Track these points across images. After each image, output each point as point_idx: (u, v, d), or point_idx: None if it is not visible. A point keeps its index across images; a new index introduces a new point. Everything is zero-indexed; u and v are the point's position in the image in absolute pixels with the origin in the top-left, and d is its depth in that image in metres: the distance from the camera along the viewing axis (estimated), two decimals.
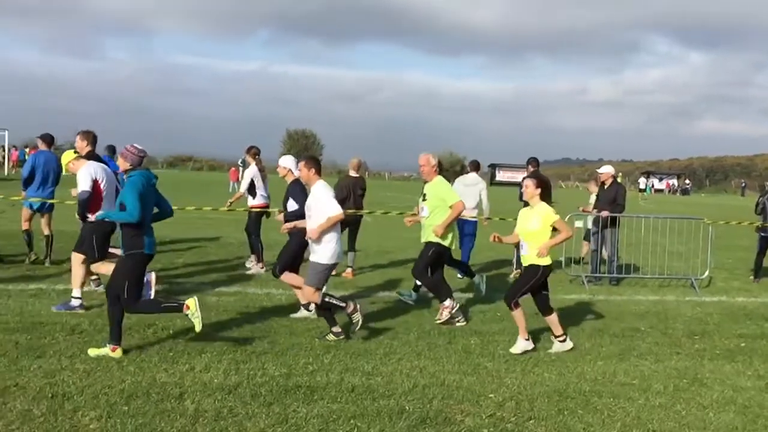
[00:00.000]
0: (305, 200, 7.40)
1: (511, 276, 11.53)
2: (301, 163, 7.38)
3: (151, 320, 7.25)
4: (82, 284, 7.87)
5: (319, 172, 7.19)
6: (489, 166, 69.60)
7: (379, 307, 8.76)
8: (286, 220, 8.01)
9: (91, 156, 8.35)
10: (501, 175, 69.33)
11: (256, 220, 11.04)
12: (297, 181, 8.05)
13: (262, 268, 10.73)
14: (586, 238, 12.59)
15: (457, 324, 7.93)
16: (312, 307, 7.63)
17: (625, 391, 5.96)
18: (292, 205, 8.00)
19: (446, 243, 8.12)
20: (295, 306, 8.20)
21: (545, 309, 7.09)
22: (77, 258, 7.79)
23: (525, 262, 7.04)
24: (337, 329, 7.05)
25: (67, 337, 6.57)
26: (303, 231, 7.39)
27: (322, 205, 6.99)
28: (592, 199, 12.80)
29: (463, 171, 20.56)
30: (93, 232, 7.71)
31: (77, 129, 8.56)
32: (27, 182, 10.52)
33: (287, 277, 7.85)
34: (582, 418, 5.29)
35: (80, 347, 6.24)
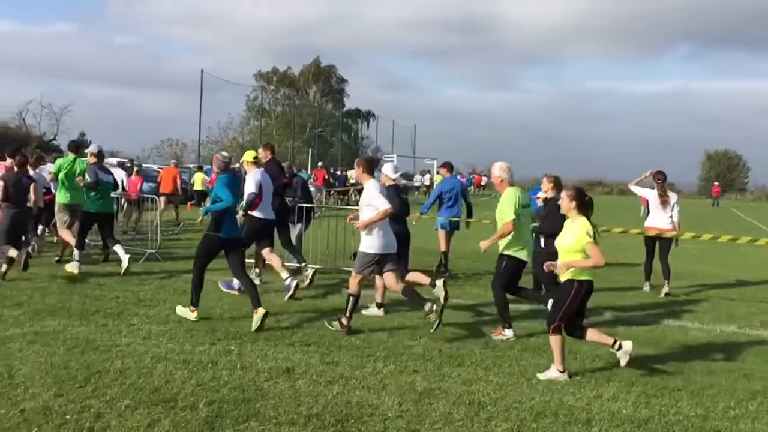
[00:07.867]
0: (398, 203, 8.28)
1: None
2: (356, 163, 8.08)
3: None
4: (282, 266, 9.34)
5: (369, 172, 7.67)
6: None
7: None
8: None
9: (271, 163, 10.19)
10: None
11: (646, 242, 11.19)
12: (391, 187, 8.81)
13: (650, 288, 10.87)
14: None
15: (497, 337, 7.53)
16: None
17: None
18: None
19: (520, 256, 7.57)
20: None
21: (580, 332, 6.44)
22: (265, 253, 9.55)
23: (561, 278, 6.36)
24: (345, 321, 7.30)
25: (482, 350, 7.06)
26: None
27: (373, 200, 7.42)
28: None
29: None
30: (247, 226, 9.29)
31: (493, 156, 9.68)
32: (431, 205, 12.23)
33: (411, 276, 8.09)
34: None
35: (493, 360, 6.65)
